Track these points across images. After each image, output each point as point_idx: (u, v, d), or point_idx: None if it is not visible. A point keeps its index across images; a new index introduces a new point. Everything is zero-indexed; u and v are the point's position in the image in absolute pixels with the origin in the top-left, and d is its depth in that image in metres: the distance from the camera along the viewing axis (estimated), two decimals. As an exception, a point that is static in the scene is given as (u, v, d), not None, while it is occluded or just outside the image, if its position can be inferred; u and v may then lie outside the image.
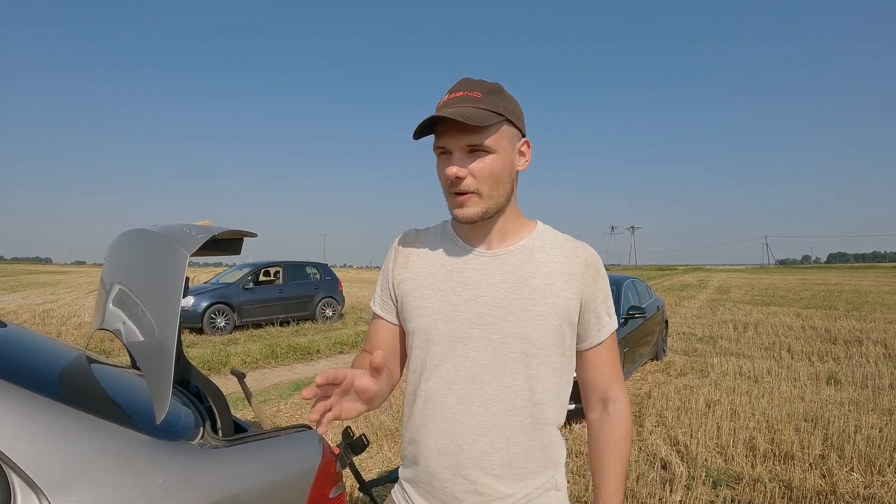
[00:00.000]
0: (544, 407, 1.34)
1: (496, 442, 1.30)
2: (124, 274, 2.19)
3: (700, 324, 14.40)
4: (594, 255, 1.42)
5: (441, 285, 1.38)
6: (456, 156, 1.27)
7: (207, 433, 1.87)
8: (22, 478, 1.38)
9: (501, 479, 1.31)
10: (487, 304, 1.33)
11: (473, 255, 1.39)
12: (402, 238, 1.53)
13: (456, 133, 1.26)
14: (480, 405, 1.31)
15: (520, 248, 1.39)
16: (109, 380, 2.18)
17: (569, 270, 1.36)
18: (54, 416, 1.52)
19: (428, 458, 1.35)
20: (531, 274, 1.35)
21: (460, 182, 1.27)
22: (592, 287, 1.38)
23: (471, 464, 1.30)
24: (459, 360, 1.33)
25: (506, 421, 1.31)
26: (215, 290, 13.77)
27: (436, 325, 1.35)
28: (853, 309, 17.43)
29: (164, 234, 2.01)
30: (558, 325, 1.33)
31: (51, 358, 2.11)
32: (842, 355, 9.68)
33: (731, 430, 5.52)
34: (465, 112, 1.22)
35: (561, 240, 1.43)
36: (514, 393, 1.31)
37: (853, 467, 4.60)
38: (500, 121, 1.28)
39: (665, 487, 4.32)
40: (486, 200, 1.30)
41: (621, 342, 6.75)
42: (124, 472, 1.53)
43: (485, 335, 1.32)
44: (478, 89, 1.29)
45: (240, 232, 2.28)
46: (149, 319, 1.87)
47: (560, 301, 1.33)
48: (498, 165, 1.29)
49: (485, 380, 1.31)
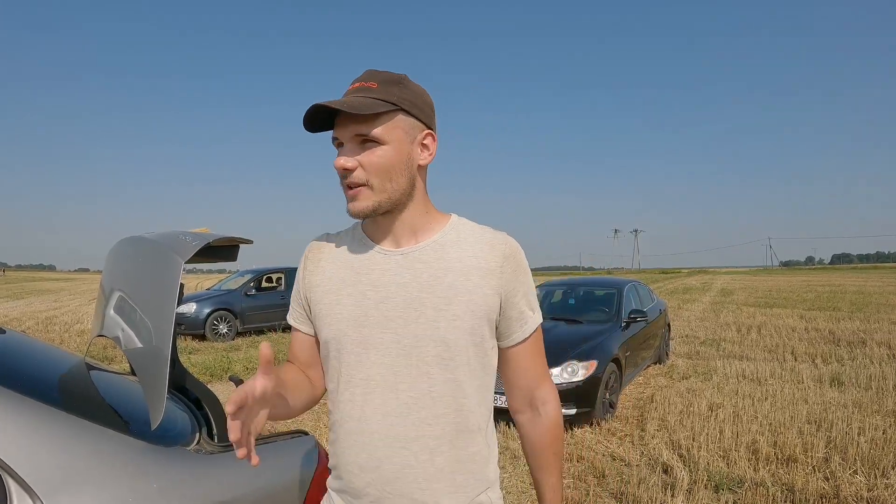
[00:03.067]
0: (467, 413, 1.27)
1: (419, 454, 1.23)
2: (122, 281, 2.20)
3: (703, 327, 14.37)
4: (514, 246, 1.34)
5: (350, 289, 1.31)
6: (346, 147, 1.23)
7: (203, 439, 1.88)
8: (18, 482, 1.39)
9: (428, 493, 1.24)
10: (398, 305, 1.26)
11: (382, 254, 1.32)
12: (312, 244, 1.45)
13: (345, 123, 1.21)
14: (398, 415, 1.24)
15: (431, 243, 1.31)
16: (107, 386, 2.19)
17: (485, 265, 1.29)
18: (51, 421, 1.53)
19: (350, 472, 1.28)
20: (443, 271, 1.27)
21: (349, 174, 1.22)
22: (512, 281, 1.31)
23: (393, 478, 1.23)
24: (374, 368, 1.26)
25: (427, 430, 1.24)
26: (217, 296, 13.79)
27: (346, 332, 1.28)
28: (857, 310, 17.39)
29: (160, 242, 2.02)
30: (475, 324, 1.26)
31: (49, 364, 2.12)
32: (845, 357, 9.65)
33: (734, 434, 5.50)
34: (350, 101, 1.18)
35: (478, 232, 1.35)
36: (434, 400, 1.24)
37: (856, 470, 4.59)
38: (392, 110, 1.23)
39: (666, 492, 4.31)
40: (377, 194, 1.24)
41: (622, 346, 6.77)
42: (120, 477, 1.54)
43: (397, 340, 1.25)
44: (376, 79, 1.24)
45: (236, 239, 2.28)
46: (147, 325, 1.88)
47: (476, 298, 1.26)
48: (389, 157, 1.23)
49: (401, 388, 1.24)
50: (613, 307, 7.90)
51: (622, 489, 4.41)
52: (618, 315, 7.63)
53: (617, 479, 4.61)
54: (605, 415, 6.16)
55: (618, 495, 4.34)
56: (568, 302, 8.77)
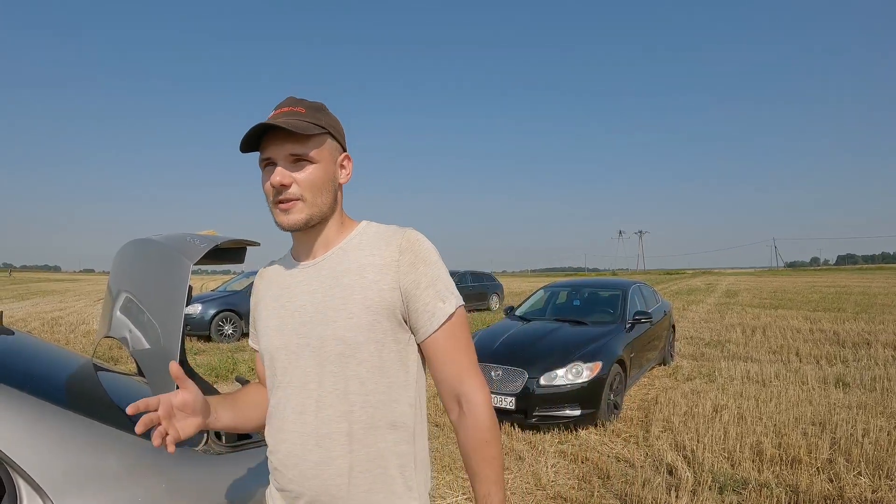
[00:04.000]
0: (373, 409, 1.29)
1: (332, 450, 1.28)
2: (130, 283, 2.22)
3: (708, 328, 14.36)
4: (411, 238, 1.35)
5: (274, 303, 1.42)
6: (281, 164, 1.30)
7: (211, 439, 1.90)
8: (28, 482, 1.42)
9: (344, 489, 1.28)
10: (307, 311, 1.35)
11: (299, 268, 1.42)
12: (259, 272, 1.57)
13: (280, 143, 1.29)
14: (312, 413, 1.30)
15: (336, 251, 1.40)
16: (115, 387, 2.21)
17: (381, 261, 1.33)
18: (60, 422, 1.56)
19: (278, 471, 1.36)
20: (343, 273, 1.34)
21: (286, 189, 1.30)
22: (411, 273, 1.32)
23: (312, 474, 1.29)
24: (293, 372, 1.34)
25: (336, 427, 1.29)
26: (223, 297, 13.81)
27: (272, 341, 1.38)
28: (862, 311, 17.35)
29: (168, 244, 2.04)
30: (373, 320, 1.29)
31: (57, 365, 2.14)
32: (850, 358, 9.64)
33: (738, 435, 5.51)
34: (293, 122, 1.28)
35: (381, 232, 1.40)
36: (339, 397, 1.29)
37: (861, 471, 4.59)
38: (323, 133, 1.34)
39: (671, 493, 4.32)
40: (310, 207, 1.33)
41: (627, 347, 6.79)
42: (129, 477, 1.57)
43: (308, 343, 1.32)
44: (302, 105, 1.35)
45: (243, 241, 2.30)
46: (154, 327, 1.90)
47: (371, 294, 1.30)
48: (320, 175, 1.34)
49: (312, 387, 1.31)
50: (618, 308, 7.91)
51: (626, 490, 4.41)
52: (622, 316, 7.64)
53: (621, 480, 4.62)
54: (610, 416, 6.16)
55: (622, 496, 4.35)
56: (572, 303, 8.79)
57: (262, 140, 1.31)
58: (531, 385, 5.90)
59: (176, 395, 1.20)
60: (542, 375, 5.93)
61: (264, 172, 1.34)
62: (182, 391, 1.21)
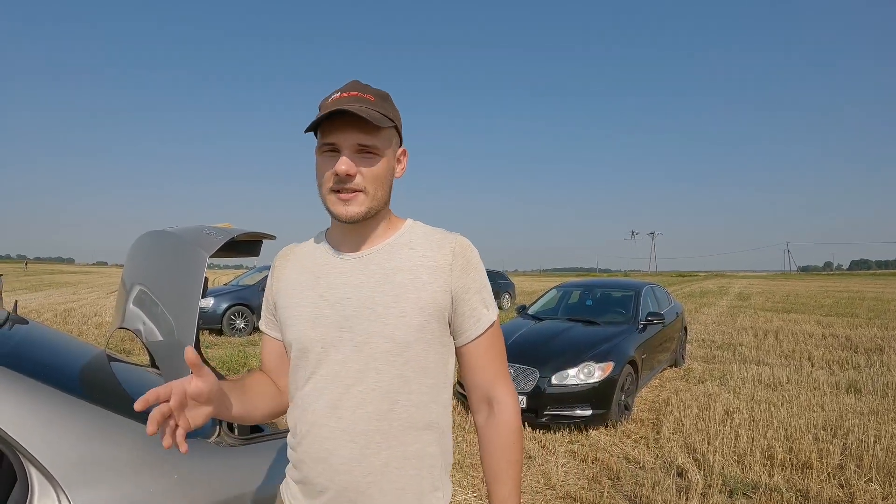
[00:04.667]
0: (414, 409, 1.30)
1: (364, 448, 1.27)
2: (144, 274, 2.23)
3: (720, 331, 14.29)
4: (464, 244, 1.37)
5: (309, 292, 1.37)
6: (346, 153, 1.26)
7: (224, 432, 1.91)
8: (41, 471, 1.43)
9: (374, 487, 1.27)
10: (352, 305, 1.30)
11: (339, 258, 1.38)
12: (279, 253, 1.53)
13: (349, 130, 1.26)
14: (348, 409, 1.27)
15: (384, 246, 1.37)
16: (128, 378, 2.23)
17: (434, 263, 1.33)
18: (73, 411, 1.57)
19: (303, 463, 1.33)
20: (393, 271, 1.32)
21: (350, 180, 1.27)
22: (462, 278, 1.34)
23: (342, 470, 1.27)
24: (331, 365, 1.30)
25: (374, 425, 1.27)
26: (235, 291, 13.84)
27: (306, 332, 1.33)
28: (875, 317, 17.21)
29: (184, 236, 2.05)
30: (424, 321, 1.29)
31: (71, 355, 2.16)
32: (863, 364, 9.58)
33: (749, 439, 5.50)
34: (366, 112, 1.23)
35: (429, 234, 1.40)
36: (381, 395, 1.27)
37: (871, 477, 4.57)
38: (391, 126, 1.32)
39: (681, 495, 4.32)
40: (370, 200, 1.30)
41: (639, 348, 6.78)
42: (141, 467, 1.57)
43: (352, 337, 1.29)
44: (370, 93, 1.31)
45: (259, 234, 2.31)
46: (168, 319, 1.91)
47: (425, 296, 1.29)
48: (384, 168, 1.32)
49: (351, 382, 1.28)
50: (631, 309, 7.90)
51: (636, 491, 4.42)
52: (635, 317, 7.64)
53: (631, 482, 4.63)
54: (621, 417, 6.17)
55: (632, 497, 4.36)
56: (585, 303, 8.78)
57: (325, 123, 1.27)
58: (542, 384, 5.90)
59: (190, 383, 1.12)
60: (553, 375, 5.94)
61: (323, 157, 1.30)
62: (197, 378, 1.13)
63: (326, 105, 1.29)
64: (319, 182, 1.32)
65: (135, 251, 2.40)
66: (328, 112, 1.23)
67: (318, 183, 1.33)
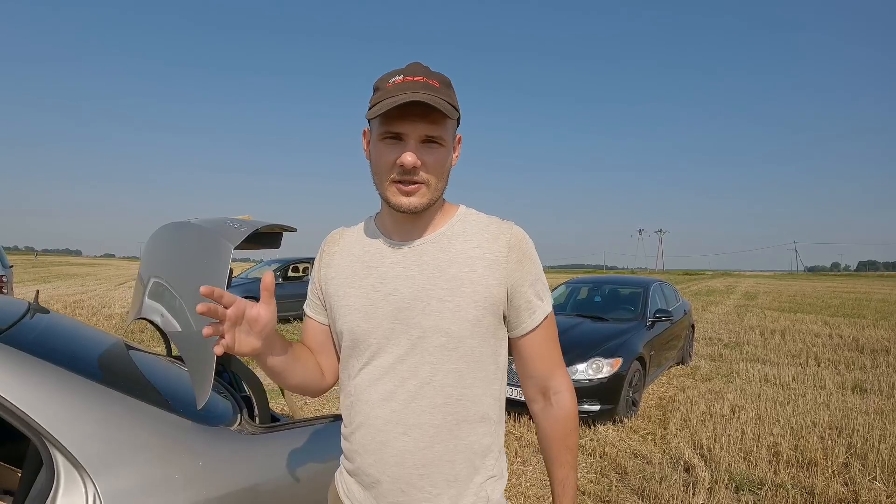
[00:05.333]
0: (469, 403, 1.29)
1: (418, 440, 1.26)
2: (165, 266, 2.25)
3: (727, 329, 14.30)
4: (519, 235, 1.35)
5: (361, 282, 1.33)
6: (412, 144, 1.22)
7: (245, 420, 1.94)
8: (66, 457, 1.45)
9: (425, 479, 1.27)
10: (406, 297, 1.28)
11: (392, 247, 1.34)
12: (328, 239, 1.48)
13: (417, 120, 1.21)
14: (402, 402, 1.27)
15: (438, 236, 1.34)
16: (147, 365, 2.25)
17: (490, 255, 1.30)
18: (98, 398, 1.59)
19: (356, 454, 1.33)
20: (448, 263, 1.29)
21: (416, 172, 1.23)
22: (518, 271, 1.31)
23: (394, 462, 1.27)
24: (383, 358, 1.29)
25: (428, 418, 1.26)
26: (244, 284, 13.90)
27: (359, 323, 1.31)
28: (882, 318, 17.18)
29: (208, 228, 2.06)
30: (479, 315, 1.27)
31: (91, 344, 2.18)
32: (869, 364, 9.59)
33: (756, 436, 5.54)
34: (439, 102, 1.19)
35: (483, 222, 1.37)
36: (435, 389, 1.26)
37: (876, 476, 4.61)
38: (456, 116, 1.28)
39: (688, 490, 4.38)
40: (431, 192, 1.27)
41: (647, 345, 6.83)
42: (167, 454, 1.60)
43: (406, 330, 1.27)
44: (435, 78, 1.25)
45: (280, 226, 2.34)
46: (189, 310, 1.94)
47: (480, 290, 1.27)
48: (446, 160, 1.28)
49: (406, 376, 1.27)
50: (639, 306, 7.93)
51: (643, 486, 4.47)
52: (643, 314, 7.66)
53: (639, 476, 4.68)
54: (628, 413, 6.21)
55: (639, 492, 4.41)
56: (594, 299, 8.81)
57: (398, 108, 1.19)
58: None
59: (252, 307, 1.12)
60: (562, 370, 5.92)
61: (385, 144, 1.25)
62: (261, 305, 1.12)
63: (389, 89, 1.23)
64: (377, 170, 1.28)
65: (153, 243, 2.42)
66: (400, 102, 1.17)
67: (375, 170, 1.29)
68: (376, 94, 1.25)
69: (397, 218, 1.34)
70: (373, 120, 1.27)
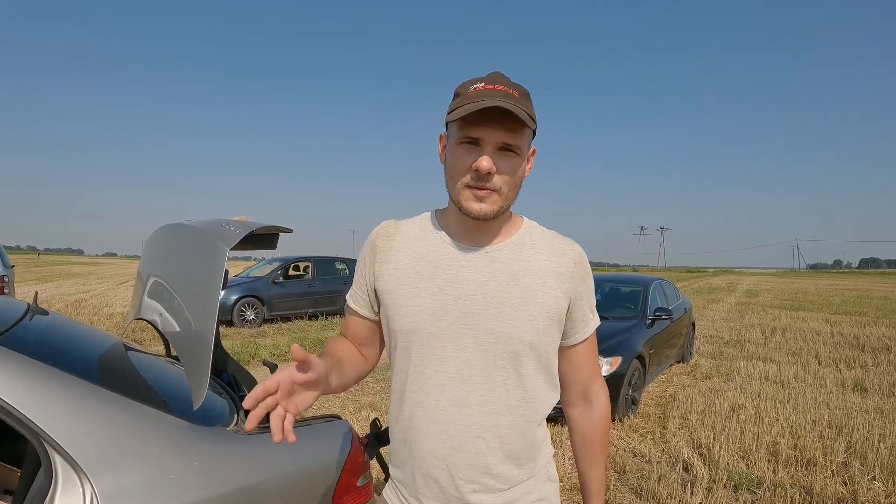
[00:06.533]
0: (536, 405, 1.35)
1: (490, 442, 1.30)
2: (162, 267, 2.25)
3: (727, 327, 14.30)
4: (581, 252, 1.41)
5: (427, 283, 1.33)
6: (488, 150, 1.22)
7: (242, 420, 1.94)
8: (64, 458, 1.45)
9: (497, 478, 1.32)
10: (477, 303, 1.29)
11: (461, 251, 1.34)
12: (380, 231, 1.44)
13: (496, 128, 1.21)
14: (474, 406, 1.29)
15: (510, 244, 1.36)
16: (145, 366, 2.26)
17: (559, 269, 1.35)
18: (96, 399, 1.59)
19: (421, 459, 1.33)
20: (521, 272, 1.32)
21: (490, 178, 1.23)
22: (580, 286, 1.38)
23: (466, 465, 1.30)
24: (450, 361, 1.30)
25: (500, 420, 1.30)
26: (245, 283, 13.91)
27: (423, 324, 1.31)
28: (883, 316, 17.16)
29: (203, 229, 2.06)
30: (548, 324, 1.32)
31: (90, 344, 2.18)
32: (869, 363, 9.60)
33: (755, 435, 5.54)
34: (521, 111, 1.19)
35: (549, 237, 1.42)
36: (507, 393, 1.30)
37: (875, 475, 4.61)
38: (534, 126, 1.28)
39: (686, 489, 4.38)
40: (503, 200, 1.28)
41: (647, 343, 6.83)
42: (163, 454, 1.59)
43: (475, 335, 1.29)
44: (515, 89, 1.25)
45: (276, 228, 2.34)
46: (187, 311, 1.94)
47: (550, 300, 1.32)
48: (521, 169, 1.30)
49: (476, 380, 1.29)
50: (639, 304, 7.92)
51: (642, 485, 4.48)
52: (643, 312, 7.66)
53: (637, 475, 4.68)
54: (628, 411, 6.22)
55: (638, 491, 4.42)
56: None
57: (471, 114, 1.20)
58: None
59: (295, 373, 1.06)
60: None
61: (462, 148, 1.25)
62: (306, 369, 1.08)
63: (469, 95, 1.24)
64: (452, 173, 1.29)
65: (151, 244, 2.41)
66: (483, 107, 1.18)
67: (450, 174, 1.30)
68: (456, 100, 1.27)
69: (467, 222, 1.34)
70: (451, 124, 1.28)
